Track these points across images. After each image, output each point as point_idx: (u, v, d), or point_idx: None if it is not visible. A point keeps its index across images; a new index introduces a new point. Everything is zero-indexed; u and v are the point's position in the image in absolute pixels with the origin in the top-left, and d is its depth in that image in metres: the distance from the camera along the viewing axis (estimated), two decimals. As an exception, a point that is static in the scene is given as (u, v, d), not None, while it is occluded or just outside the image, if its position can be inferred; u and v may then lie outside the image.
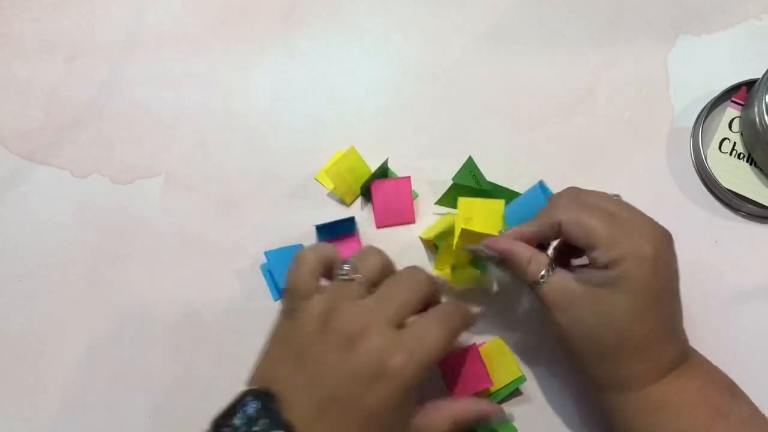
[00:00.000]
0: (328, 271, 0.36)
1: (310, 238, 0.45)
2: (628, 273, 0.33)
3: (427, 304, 0.36)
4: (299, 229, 0.46)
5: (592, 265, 0.35)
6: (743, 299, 0.44)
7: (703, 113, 0.48)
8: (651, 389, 0.34)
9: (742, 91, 0.48)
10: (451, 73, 0.50)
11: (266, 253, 0.44)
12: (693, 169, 0.47)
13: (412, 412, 0.34)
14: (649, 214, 0.45)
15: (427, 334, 0.33)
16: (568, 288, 0.35)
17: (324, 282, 0.35)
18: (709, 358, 0.37)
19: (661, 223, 0.44)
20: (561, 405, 0.42)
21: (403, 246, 0.46)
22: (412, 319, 0.34)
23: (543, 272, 0.36)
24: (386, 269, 0.36)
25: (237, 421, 0.30)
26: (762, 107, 0.44)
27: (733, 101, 0.48)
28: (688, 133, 0.48)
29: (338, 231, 0.45)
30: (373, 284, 0.35)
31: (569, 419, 0.42)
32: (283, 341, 0.34)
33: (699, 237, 0.46)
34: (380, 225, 0.46)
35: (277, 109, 0.50)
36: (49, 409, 0.43)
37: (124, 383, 0.44)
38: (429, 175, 0.47)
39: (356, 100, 0.50)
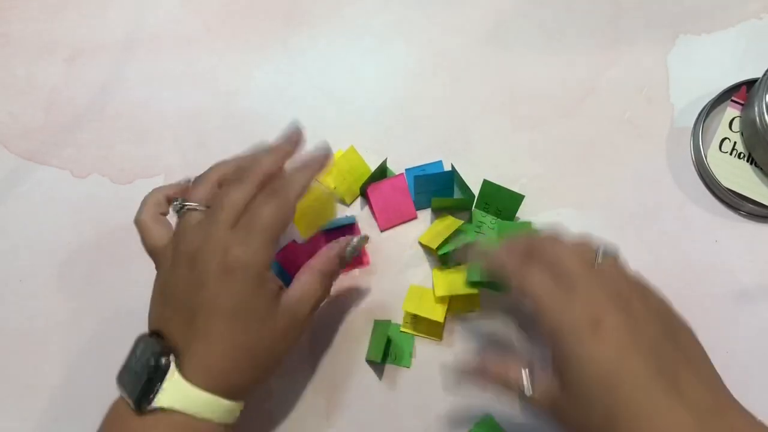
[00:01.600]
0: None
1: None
2: (563, 350, 0.31)
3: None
4: (299, 229, 0.46)
5: None
6: (743, 299, 0.44)
7: (703, 113, 0.48)
8: None
9: (743, 91, 0.48)
10: (451, 73, 0.50)
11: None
12: (693, 168, 0.47)
13: (276, 290, 0.35)
14: (649, 214, 0.46)
15: (256, 218, 0.34)
16: (549, 391, 0.32)
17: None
18: (709, 357, 0.36)
19: (661, 223, 0.44)
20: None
21: (408, 244, 0.46)
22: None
23: (522, 384, 0.34)
24: (221, 182, 0.37)
25: (131, 364, 0.34)
26: (762, 107, 0.44)
27: (733, 101, 0.48)
28: (688, 132, 0.48)
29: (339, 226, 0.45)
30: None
31: None
32: (155, 288, 0.37)
33: (699, 237, 0.46)
34: (384, 227, 0.46)
35: (277, 109, 0.50)
36: (49, 409, 0.43)
37: (124, 383, 0.44)
38: (429, 175, 0.47)
39: (356, 100, 0.50)
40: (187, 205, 0.36)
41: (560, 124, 0.48)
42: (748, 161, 0.47)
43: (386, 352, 0.43)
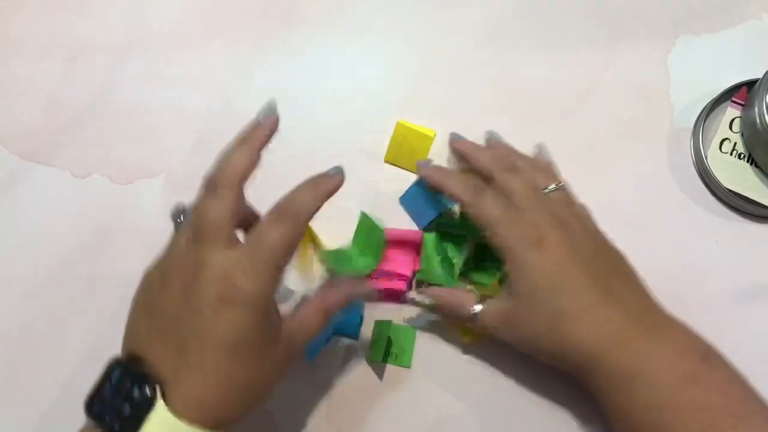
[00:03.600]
0: None
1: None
2: (514, 263, 0.36)
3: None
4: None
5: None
6: (743, 299, 0.44)
7: (703, 113, 0.48)
8: (615, 358, 0.35)
9: (743, 91, 0.48)
10: (451, 73, 0.50)
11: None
12: (693, 169, 0.47)
13: (278, 322, 0.33)
14: (649, 214, 0.46)
15: (263, 243, 0.31)
16: (501, 307, 0.38)
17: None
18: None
19: (661, 223, 0.45)
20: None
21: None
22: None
23: (474, 307, 0.38)
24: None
25: (106, 393, 0.31)
26: (762, 107, 0.44)
27: (733, 101, 0.48)
28: (689, 133, 0.48)
29: None
30: None
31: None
32: (137, 306, 0.34)
33: (699, 237, 0.46)
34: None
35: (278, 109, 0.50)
36: (49, 409, 0.43)
37: (124, 383, 0.44)
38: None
39: (356, 100, 0.50)
40: (185, 219, 0.35)
41: (560, 124, 0.49)
42: (748, 162, 0.47)
43: (386, 352, 0.43)
